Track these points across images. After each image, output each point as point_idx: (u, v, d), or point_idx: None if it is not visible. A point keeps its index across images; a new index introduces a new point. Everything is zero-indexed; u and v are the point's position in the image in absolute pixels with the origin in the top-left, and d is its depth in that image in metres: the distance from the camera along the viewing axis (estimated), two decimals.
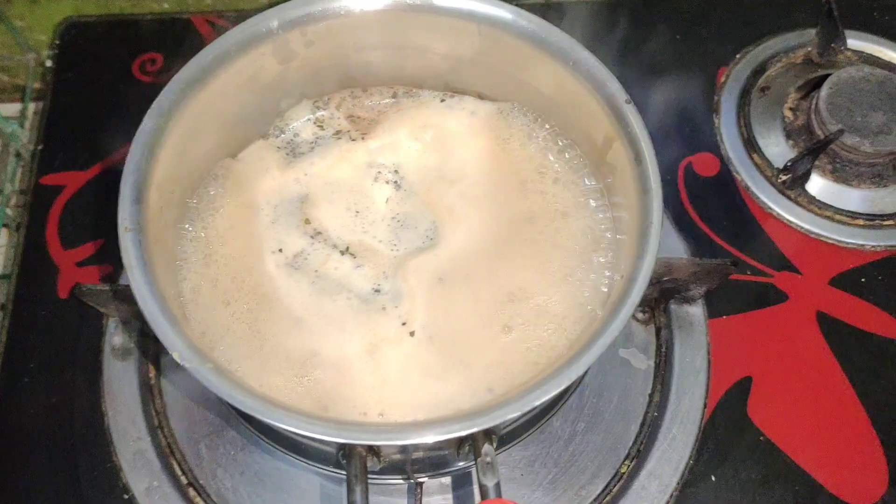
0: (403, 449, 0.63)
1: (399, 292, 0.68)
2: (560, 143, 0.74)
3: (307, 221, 0.71)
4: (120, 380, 0.80)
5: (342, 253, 0.70)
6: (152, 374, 0.79)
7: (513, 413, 0.52)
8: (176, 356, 0.54)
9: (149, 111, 0.62)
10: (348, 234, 0.71)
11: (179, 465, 0.76)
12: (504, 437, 0.76)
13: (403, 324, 0.66)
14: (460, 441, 0.58)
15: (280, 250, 0.70)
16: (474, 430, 0.51)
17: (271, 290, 0.68)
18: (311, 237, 0.71)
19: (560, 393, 0.56)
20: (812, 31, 0.99)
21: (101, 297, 0.77)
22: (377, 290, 0.68)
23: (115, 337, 0.82)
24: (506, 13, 0.68)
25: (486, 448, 0.55)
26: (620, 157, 0.65)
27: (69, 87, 0.97)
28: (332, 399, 0.63)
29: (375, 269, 0.69)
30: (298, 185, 0.73)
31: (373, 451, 0.57)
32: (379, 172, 0.74)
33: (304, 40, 0.69)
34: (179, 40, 0.99)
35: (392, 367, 0.64)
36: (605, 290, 0.68)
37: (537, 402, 0.53)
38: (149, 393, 0.79)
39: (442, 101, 0.76)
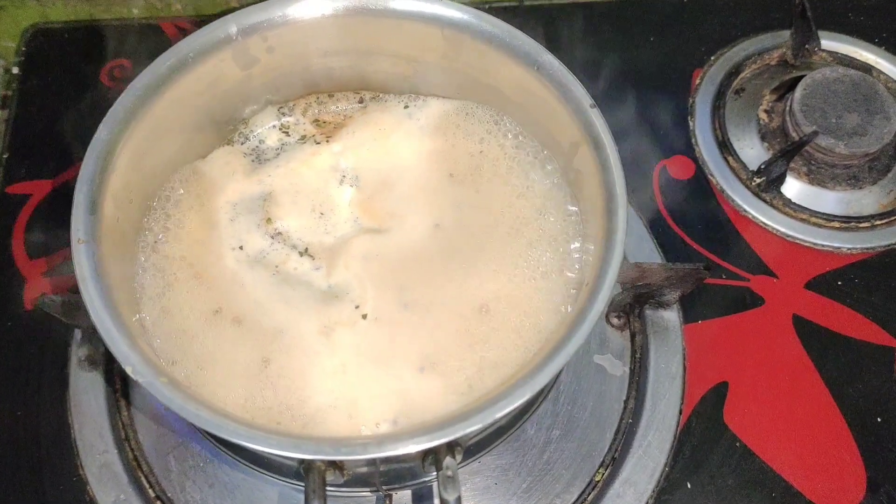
0: (368, 461, 0.62)
1: (351, 287, 0.67)
2: (520, 139, 0.73)
3: (269, 221, 0.70)
4: (86, 391, 0.79)
5: (301, 254, 0.70)
6: (119, 385, 0.78)
7: (464, 430, 0.51)
8: (129, 370, 0.53)
9: (103, 120, 0.61)
10: (310, 236, 0.71)
11: (147, 477, 0.75)
12: (477, 444, 0.75)
13: (358, 311, 0.66)
14: (424, 454, 0.56)
15: (240, 247, 0.69)
16: (430, 444, 0.50)
17: (232, 285, 0.68)
18: (272, 237, 0.70)
19: (526, 403, 0.55)
20: (787, 33, 0.98)
21: (66, 308, 0.76)
22: (332, 287, 0.68)
23: (82, 348, 0.80)
24: (469, 17, 0.67)
25: (448, 461, 0.53)
26: (586, 163, 0.64)
27: (36, 95, 0.96)
28: (293, 391, 0.63)
29: (333, 269, 0.69)
30: (262, 185, 0.72)
31: (334, 464, 0.55)
32: (344, 176, 0.73)
33: (264, 46, 0.68)
34: (148, 46, 0.97)
35: (349, 351, 0.64)
36: (574, 291, 0.66)
37: (497, 416, 0.52)
38: (116, 405, 0.78)
39: (406, 107, 0.74)
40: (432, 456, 0.56)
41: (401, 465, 0.66)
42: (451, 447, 0.54)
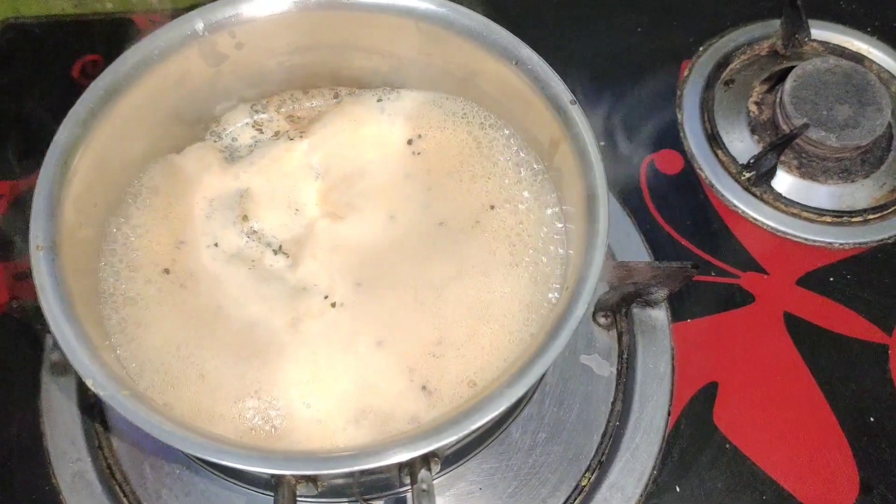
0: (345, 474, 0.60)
1: (320, 279, 0.66)
2: (494, 131, 0.71)
3: (245, 218, 0.68)
4: (59, 398, 0.77)
5: (275, 252, 0.68)
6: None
7: (437, 443, 0.49)
8: (89, 383, 0.51)
9: (63, 121, 0.59)
10: (284, 233, 0.69)
11: (121, 486, 0.73)
12: (461, 449, 0.73)
13: (327, 301, 0.65)
14: (399, 466, 0.54)
15: (216, 244, 0.68)
16: (402, 458, 0.48)
17: (207, 284, 0.66)
18: (248, 235, 0.69)
19: (504, 412, 0.53)
20: (777, 22, 0.96)
21: (37, 313, 0.73)
22: (302, 279, 0.67)
23: (55, 353, 0.78)
24: (444, 9, 0.64)
25: (423, 474, 0.51)
26: (567, 161, 0.61)
27: (7, 92, 0.94)
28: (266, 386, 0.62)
29: (303, 261, 0.67)
30: (238, 181, 0.70)
31: (307, 476, 0.53)
32: (318, 172, 0.71)
33: (233, 42, 0.65)
34: (122, 41, 0.94)
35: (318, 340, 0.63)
36: (555, 296, 0.64)
37: (472, 428, 0.50)
38: (89, 411, 0.76)
39: (379, 100, 0.72)
40: (408, 468, 0.54)
41: (375, 477, 0.64)
42: (426, 459, 0.53)
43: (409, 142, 0.71)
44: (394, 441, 0.50)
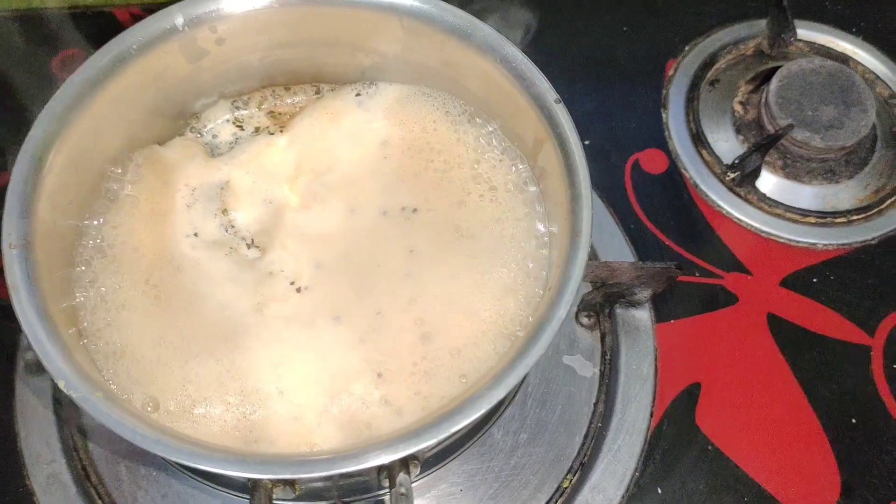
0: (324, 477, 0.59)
1: (286, 265, 0.66)
2: (477, 125, 0.70)
3: (225, 212, 0.68)
4: (34, 397, 0.76)
5: (249, 246, 0.67)
6: None
7: (417, 447, 0.49)
8: (62, 385, 0.50)
9: (38, 118, 0.58)
10: (258, 226, 0.68)
11: (96, 488, 0.72)
12: (442, 451, 0.73)
13: (293, 286, 0.65)
14: (378, 469, 0.53)
15: (195, 234, 0.67)
16: (377, 462, 0.48)
17: (183, 273, 0.65)
18: (227, 228, 0.68)
19: (484, 415, 0.52)
20: (763, 22, 0.96)
21: (11, 311, 0.72)
22: (272, 267, 0.66)
23: (29, 353, 0.77)
24: (429, 6, 0.64)
25: (402, 478, 0.51)
26: (551, 160, 0.61)
27: None
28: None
29: (273, 250, 0.67)
30: (221, 172, 0.70)
31: (283, 480, 0.53)
32: (297, 166, 0.70)
33: (213, 37, 0.64)
34: (101, 35, 0.93)
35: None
36: (541, 291, 0.64)
37: (452, 431, 0.49)
38: (65, 411, 0.74)
39: (357, 94, 0.71)
40: (386, 471, 0.53)
41: (359, 479, 0.63)
42: (405, 463, 0.52)
43: (386, 136, 0.70)
44: (372, 444, 0.49)
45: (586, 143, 0.89)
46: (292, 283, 0.65)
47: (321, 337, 0.63)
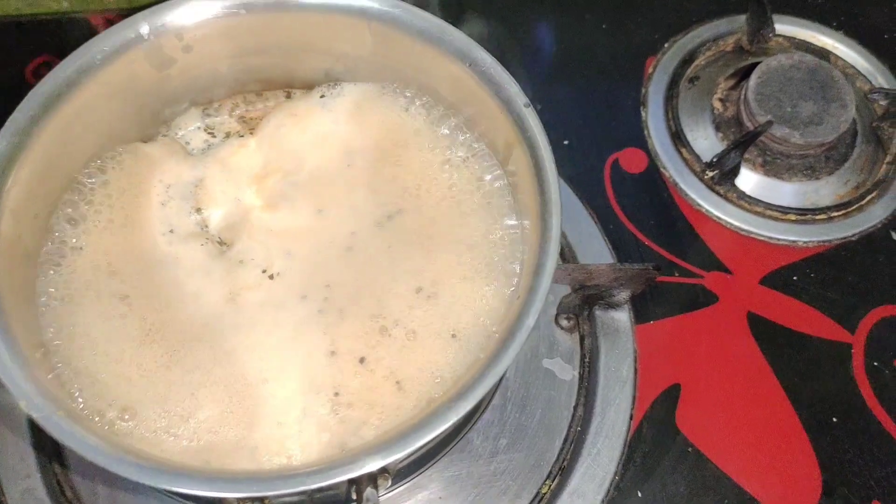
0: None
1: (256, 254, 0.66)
2: (449, 124, 0.69)
3: (198, 210, 0.67)
4: (8, 410, 0.75)
5: (219, 243, 0.67)
6: None
7: (386, 459, 0.48)
8: (23, 405, 0.49)
9: (1, 131, 0.57)
10: (226, 225, 0.68)
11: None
12: (420, 458, 0.72)
13: (265, 274, 0.65)
14: (350, 481, 0.53)
15: (171, 231, 0.66)
16: (339, 479, 0.47)
17: (154, 274, 0.65)
18: (201, 227, 0.67)
19: (453, 426, 0.52)
20: (742, 18, 0.95)
21: None
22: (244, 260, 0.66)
23: None
24: (397, 10, 0.63)
25: (369, 492, 0.50)
26: (521, 165, 0.60)
27: None
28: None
29: (241, 247, 0.66)
30: (195, 170, 0.69)
31: (250, 498, 0.52)
32: (262, 167, 0.69)
33: (180, 45, 0.64)
34: (76, 42, 0.92)
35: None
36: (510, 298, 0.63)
37: (418, 444, 0.49)
38: (38, 427, 0.74)
39: (322, 96, 0.70)
40: (356, 486, 0.53)
41: (326, 495, 0.63)
42: (373, 477, 0.51)
43: (350, 136, 0.69)
44: (338, 459, 0.49)
45: (565, 142, 0.90)
46: (264, 271, 0.65)
47: (296, 321, 0.62)
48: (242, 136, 0.71)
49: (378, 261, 0.64)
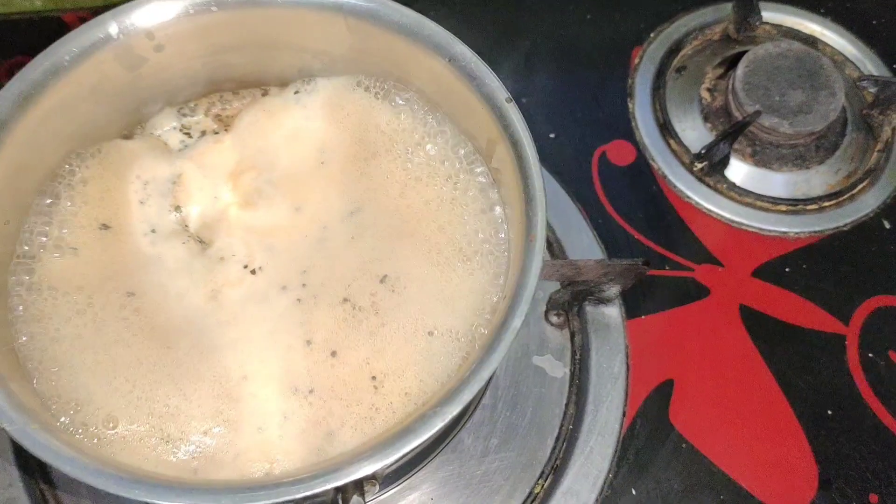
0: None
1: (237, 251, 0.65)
2: (428, 121, 0.68)
3: (177, 208, 0.66)
4: None
5: (198, 241, 0.66)
6: None
7: (360, 472, 0.46)
8: None
9: None
10: (204, 223, 0.66)
11: None
12: (412, 460, 0.71)
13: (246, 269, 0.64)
14: (335, 489, 0.52)
15: (153, 231, 0.65)
16: (322, 488, 0.46)
17: (133, 279, 0.63)
18: (181, 226, 0.66)
19: (441, 431, 0.50)
20: (729, 6, 0.94)
21: None
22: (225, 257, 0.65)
23: None
24: (374, 4, 0.61)
25: (355, 500, 0.49)
26: (504, 162, 0.59)
27: None
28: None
29: (221, 246, 0.65)
30: (173, 167, 0.68)
31: None
32: (236, 164, 0.68)
33: (151, 45, 0.62)
34: (51, 41, 0.91)
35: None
36: (495, 298, 0.62)
37: (404, 451, 0.47)
38: None
39: (296, 92, 0.69)
40: (342, 494, 0.51)
41: (320, 501, 0.61)
42: (358, 484, 0.50)
43: (325, 132, 0.67)
44: (324, 467, 0.47)
45: (551, 135, 0.88)
46: (245, 266, 0.64)
47: (276, 315, 0.61)
48: (217, 133, 0.69)
49: (348, 252, 0.63)
